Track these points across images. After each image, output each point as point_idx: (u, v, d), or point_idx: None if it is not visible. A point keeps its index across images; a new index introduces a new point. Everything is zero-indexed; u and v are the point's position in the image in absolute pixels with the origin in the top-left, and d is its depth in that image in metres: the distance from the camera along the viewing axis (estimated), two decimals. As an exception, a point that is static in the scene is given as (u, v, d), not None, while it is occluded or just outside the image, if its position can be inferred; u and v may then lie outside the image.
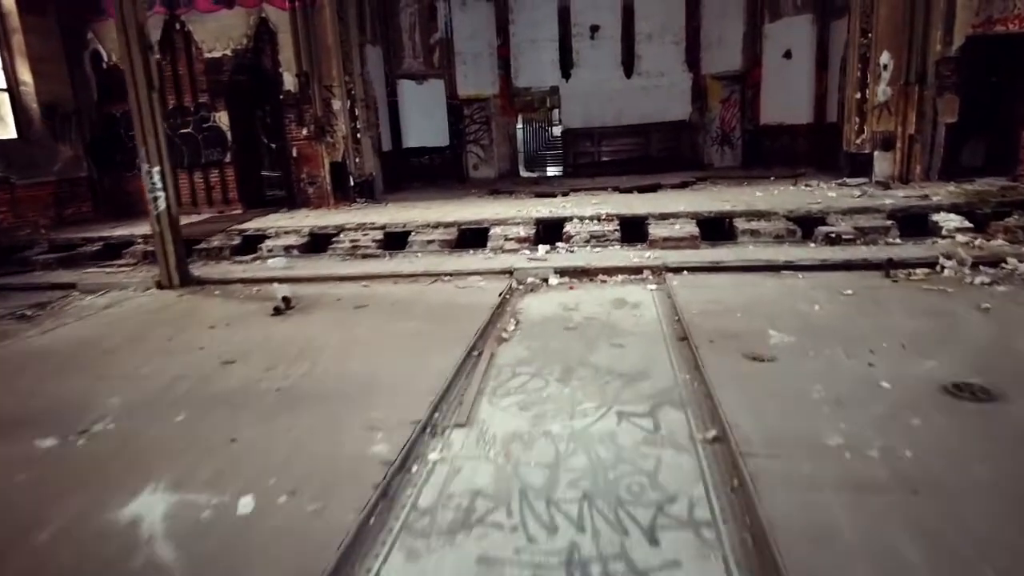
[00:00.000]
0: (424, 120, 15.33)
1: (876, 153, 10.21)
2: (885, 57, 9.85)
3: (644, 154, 16.35)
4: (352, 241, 8.82)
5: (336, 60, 11.32)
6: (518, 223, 8.75)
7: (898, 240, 7.42)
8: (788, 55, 14.01)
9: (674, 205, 9.02)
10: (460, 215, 9.43)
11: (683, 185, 12.12)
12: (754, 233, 7.85)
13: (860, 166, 10.52)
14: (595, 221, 8.55)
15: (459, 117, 16.18)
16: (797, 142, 14.22)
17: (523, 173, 17.79)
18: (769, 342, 4.63)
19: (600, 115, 16.40)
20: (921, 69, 9.67)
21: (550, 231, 8.65)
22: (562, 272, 6.91)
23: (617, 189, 11.98)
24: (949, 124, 9.81)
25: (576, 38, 16.28)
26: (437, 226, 8.92)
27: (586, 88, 16.32)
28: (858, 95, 10.35)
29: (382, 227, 9.10)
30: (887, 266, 6.31)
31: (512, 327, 5.33)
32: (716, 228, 8.41)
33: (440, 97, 15.62)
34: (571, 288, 6.55)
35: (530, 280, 6.83)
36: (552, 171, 18.33)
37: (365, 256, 8.31)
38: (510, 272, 7.00)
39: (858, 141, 10.49)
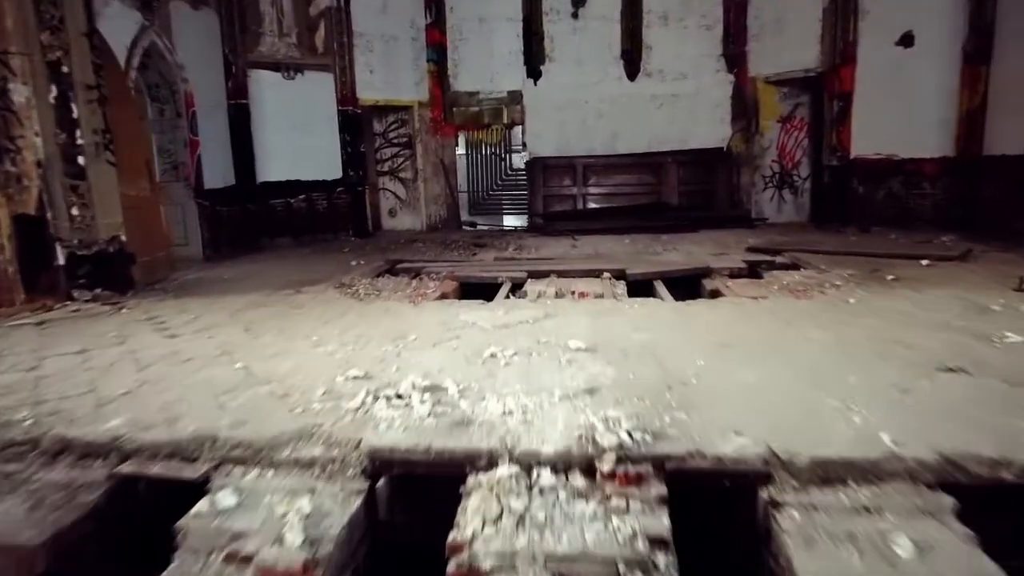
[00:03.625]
0: (298, 137, 9.29)
1: None
2: None
3: (656, 200, 10.45)
4: None
5: (16, 1, 5.26)
6: (311, 463, 2.61)
7: None
8: (907, 41, 8.29)
9: (822, 392, 2.97)
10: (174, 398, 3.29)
11: (752, 272, 6.17)
12: None
13: None
14: (577, 497, 2.44)
15: (359, 134, 10.14)
16: (920, 189, 8.48)
17: (467, 224, 11.77)
18: None
19: (586, 138, 10.57)
20: None
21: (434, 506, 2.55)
22: None
23: (622, 277, 5.98)
24: None
25: (550, 16, 10.46)
26: (61, 452, 2.78)
27: (565, 95, 10.50)
28: None
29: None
30: None
31: None
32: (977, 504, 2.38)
33: (327, 102, 9.60)
34: None
35: None
36: (512, 221, 12.34)
37: None
38: None
39: None
